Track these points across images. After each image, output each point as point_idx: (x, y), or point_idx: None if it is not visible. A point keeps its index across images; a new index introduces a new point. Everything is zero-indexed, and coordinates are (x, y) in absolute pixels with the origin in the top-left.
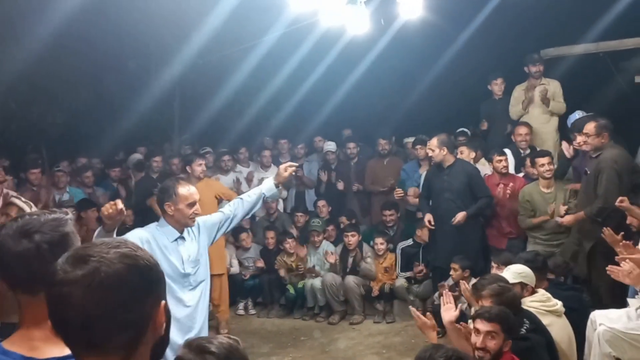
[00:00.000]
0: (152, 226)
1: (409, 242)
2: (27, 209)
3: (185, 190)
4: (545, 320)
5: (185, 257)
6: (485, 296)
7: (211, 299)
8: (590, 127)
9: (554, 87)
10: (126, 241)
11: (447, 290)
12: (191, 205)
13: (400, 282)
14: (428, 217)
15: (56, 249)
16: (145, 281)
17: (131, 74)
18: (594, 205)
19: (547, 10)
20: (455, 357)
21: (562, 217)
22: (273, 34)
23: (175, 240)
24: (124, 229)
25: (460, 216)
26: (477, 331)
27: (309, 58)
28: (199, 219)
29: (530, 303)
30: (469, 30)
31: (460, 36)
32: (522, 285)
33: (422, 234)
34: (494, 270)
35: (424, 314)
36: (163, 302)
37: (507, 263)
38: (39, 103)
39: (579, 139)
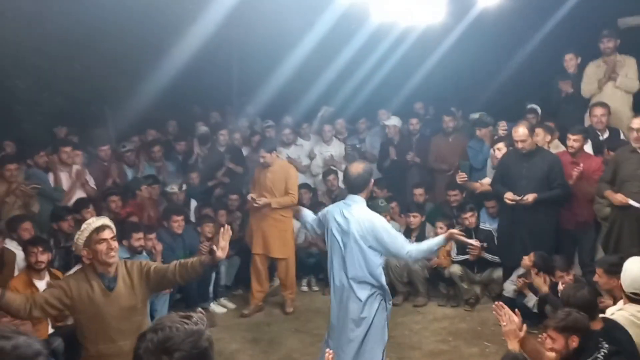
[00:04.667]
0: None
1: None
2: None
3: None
4: (631, 330)
5: None
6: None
7: (280, 280)
8: None
9: (628, 64)
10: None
11: (500, 303)
12: None
13: (455, 268)
14: (509, 194)
15: None
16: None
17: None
18: None
19: None
20: None
21: None
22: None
23: None
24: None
25: (531, 196)
26: None
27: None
28: None
29: (619, 312)
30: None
31: (530, 12)
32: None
33: (470, 218)
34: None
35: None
36: None
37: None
38: (100, 66)
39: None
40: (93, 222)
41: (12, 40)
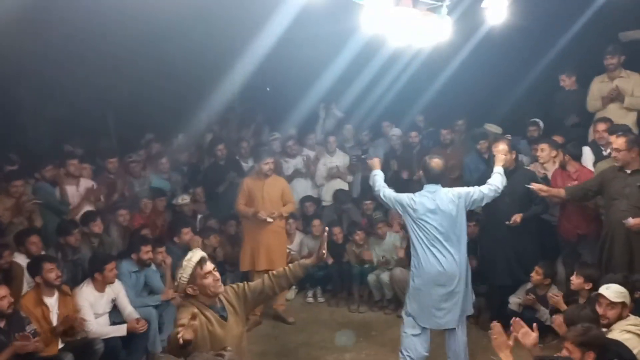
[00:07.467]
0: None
1: None
2: None
3: None
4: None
5: None
6: (568, 338)
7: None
8: (620, 142)
9: (633, 81)
10: None
11: (517, 320)
12: None
13: None
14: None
15: None
16: None
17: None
18: None
19: None
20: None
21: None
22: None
23: None
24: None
25: (518, 217)
26: None
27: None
28: None
29: (627, 327)
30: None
31: (535, 29)
32: (623, 305)
33: (473, 227)
34: (573, 279)
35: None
36: None
37: (591, 278)
38: (103, 74)
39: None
40: (192, 257)
41: (15, 49)
